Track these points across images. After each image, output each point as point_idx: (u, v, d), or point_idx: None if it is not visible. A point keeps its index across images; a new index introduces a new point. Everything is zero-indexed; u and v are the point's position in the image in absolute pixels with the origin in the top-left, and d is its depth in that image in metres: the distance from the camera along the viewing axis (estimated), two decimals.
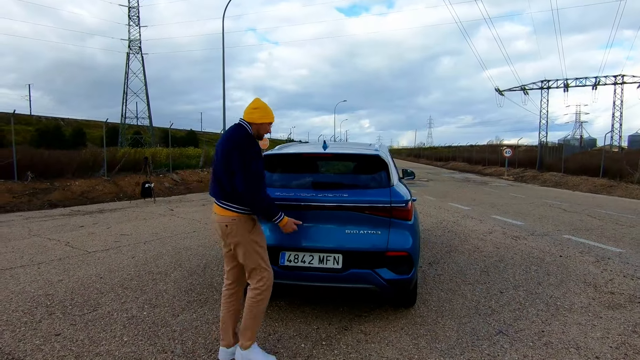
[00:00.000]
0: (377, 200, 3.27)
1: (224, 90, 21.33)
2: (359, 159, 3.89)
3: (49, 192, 12.47)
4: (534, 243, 6.49)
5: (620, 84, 44.63)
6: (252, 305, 2.65)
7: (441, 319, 3.50)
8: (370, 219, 3.24)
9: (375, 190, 3.41)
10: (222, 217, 2.64)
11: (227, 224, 2.63)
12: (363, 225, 3.24)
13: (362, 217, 3.24)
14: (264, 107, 2.72)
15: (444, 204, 11.70)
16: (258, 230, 2.74)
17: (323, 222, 3.30)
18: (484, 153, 40.08)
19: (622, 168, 18.92)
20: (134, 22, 50.07)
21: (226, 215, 2.63)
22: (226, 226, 2.63)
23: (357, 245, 3.19)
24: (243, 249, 2.65)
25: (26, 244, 6.22)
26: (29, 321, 3.38)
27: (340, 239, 3.21)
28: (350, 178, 3.85)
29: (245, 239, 2.64)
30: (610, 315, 3.64)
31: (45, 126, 43.63)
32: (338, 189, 3.43)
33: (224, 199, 2.64)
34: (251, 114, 2.68)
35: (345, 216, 3.25)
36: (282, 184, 3.55)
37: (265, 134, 2.75)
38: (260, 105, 2.72)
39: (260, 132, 2.72)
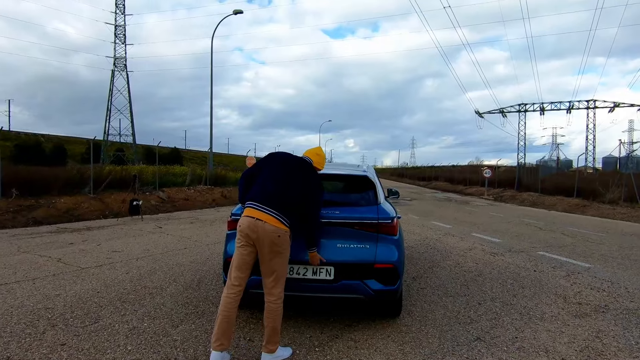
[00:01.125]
0: (366, 216, 3.58)
1: (212, 109, 21.65)
2: (349, 179, 4.22)
3: (33, 209, 12.38)
4: (510, 259, 6.87)
5: (593, 108, 46.75)
6: (277, 311, 3.01)
7: (424, 328, 3.78)
8: (360, 234, 3.54)
9: (363, 207, 3.73)
10: (277, 229, 2.96)
11: (280, 235, 2.96)
12: (353, 240, 3.53)
13: (352, 232, 3.54)
14: (323, 157, 3.50)
15: (427, 222, 12.10)
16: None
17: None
18: (465, 173, 41.15)
19: (595, 189, 19.81)
20: (120, 40, 50.34)
21: (280, 227, 2.97)
22: (278, 236, 2.95)
23: (348, 258, 3.48)
24: (283, 259, 3.02)
25: (17, 261, 6.28)
26: (33, 332, 3.52)
27: (332, 253, 3.50)
28: (341, 197, 4.16)
29: (288, 250, 3.05)
30: (577, 323, 3.98)
31: (24, 142, 42.91)
32: (330, 206, 3.72)
33: (282, 213, 2.99)
34: (312, 156, 3.42)
35: (337, 231, 3.55)
36: None
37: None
38: (322, 154, 3.51)
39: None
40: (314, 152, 3.44)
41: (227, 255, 3.70)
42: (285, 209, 3.01)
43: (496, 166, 35.34)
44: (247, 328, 3.71)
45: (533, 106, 48.01)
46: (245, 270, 3.04)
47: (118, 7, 49.86)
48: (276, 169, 3.18)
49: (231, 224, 3.84)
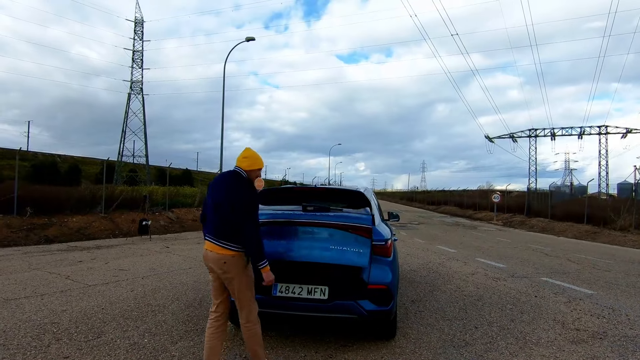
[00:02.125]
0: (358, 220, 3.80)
1: (222, 132, 22.12)
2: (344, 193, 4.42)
3: (46, 227, 12.71)
4: (512, 284, 6.85)
5: (605, 134, 46.52)
6: (250, 335, 3.02)
7: (418, 350, 3.83)
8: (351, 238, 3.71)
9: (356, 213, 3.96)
10: (220, 256, 2.91)
11: (226, 261, 2.90)
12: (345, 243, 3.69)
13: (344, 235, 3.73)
14: (252, 156, 3.07)
15: (432, 246, 12.07)
16: (250, 267, 3.04)
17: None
18: (474, 198, 40.84)
19: (607, 215, 19.54)
20: (137, 64, 51.98)
21: (224, 254, 2.90)
22: (224, 263, 2.90)
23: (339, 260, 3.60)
24: (238, 284, 2.93)
25: (27, 277, 6.48)
26: (39, 345, 3.66)
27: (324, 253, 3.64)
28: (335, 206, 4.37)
29: (241, 274, 2.94)
30: (573, 349, 3.98)
31: (41, 162, 44.03)
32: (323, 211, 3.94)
33: (222, 238, 2.91)
34: (241, 162, 3.05)
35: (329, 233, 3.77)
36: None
37: (255, 180, 3.07)
38: (248, 154, 3.08)
39: (250, 177, 3.05)
40: (241, 157, 3.09)
41: None
42: (223, 233, 2.91)
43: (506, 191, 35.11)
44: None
45: (544, 131, 48.02)
46: (219, 296, 3.07)
47: (136, 34, 51.75)
48: (209, 195, 3.10)
49: None
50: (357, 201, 4.20)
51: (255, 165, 3.06)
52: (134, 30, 51.79)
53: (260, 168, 3.11)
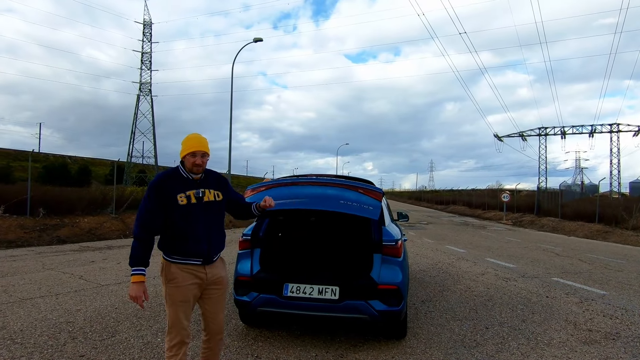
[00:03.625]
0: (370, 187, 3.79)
1: (231, 132, 22.24)
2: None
3: (58, 228, 12.89)
4: (523, 284, 6.81)
5: (616, 132, 45.89)
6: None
7: (429, 350, 3.83)
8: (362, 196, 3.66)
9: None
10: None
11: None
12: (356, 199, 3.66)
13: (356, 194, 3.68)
14: (185, 140, 2.56)
15: (441, 246, 12.03)
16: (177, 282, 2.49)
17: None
18: (483, 197, 40.52)
19: (618, 214, 19.28)
20: (146, 66, 52.52)
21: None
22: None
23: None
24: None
25: (42, 277, 6.59)
26: (55, 344, 3.74)
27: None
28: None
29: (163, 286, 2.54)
30: (585, 349, 3.96)
31: (52, 163, 44.67)
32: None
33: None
34: (180, 152, 2.57)
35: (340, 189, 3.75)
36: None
37: (190, 167, 2.52)
38: (183, 140, 2.57)
39: (188, 165, 2.54)
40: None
41: (237, 274, 3.88)
42: None
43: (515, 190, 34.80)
44: (256, 345, 3.83)
45: (554, 130, 47.53)
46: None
47: (145, 36, 52.31)
48: None
49: (242, 244, 4.04)
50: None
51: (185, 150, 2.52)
52: (143, 32, 52.36)
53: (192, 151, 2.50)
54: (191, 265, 2.53)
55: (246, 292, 3.76)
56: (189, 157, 2.52)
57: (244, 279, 3.80)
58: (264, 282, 3.70)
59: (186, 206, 2.50)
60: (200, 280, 2.56)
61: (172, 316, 2.49)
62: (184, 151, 2.53)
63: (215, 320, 2.66)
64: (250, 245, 3.98)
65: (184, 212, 2.49)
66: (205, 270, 2.58)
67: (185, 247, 2.50)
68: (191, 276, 2.52)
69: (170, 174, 2.56)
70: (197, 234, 2.52)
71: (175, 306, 2.49)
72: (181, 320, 2.49)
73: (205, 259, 2.57)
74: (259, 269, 3.83)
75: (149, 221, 2.45)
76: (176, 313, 2.48)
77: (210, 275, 2.60)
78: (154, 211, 2.45)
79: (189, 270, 2.52)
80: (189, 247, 2.51)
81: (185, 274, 2.51)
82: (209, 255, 2.57)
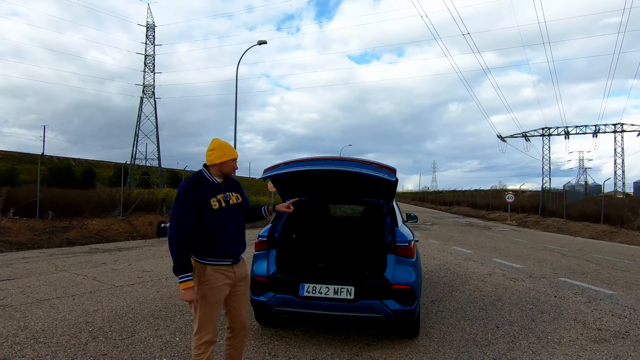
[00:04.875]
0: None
1: (235, 134, 22.37)
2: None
3: (67, 230, 13.03)
4: (531, 284, 6.87)
5: (620, 132, 45.73)
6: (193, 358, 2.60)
7: (442, 348, 3.91)
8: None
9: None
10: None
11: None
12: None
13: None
14: (220, 146, 2.66)
15: (447, 247, 12.09)
16: (211, 284, 2.59)
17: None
18: (487, 198, 40.51)
19: (624, 215, 19.27)
20: (149, 68, 52.75)
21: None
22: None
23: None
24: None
25: (56, 278, 6.70)
26: (77, 344, 3.83)
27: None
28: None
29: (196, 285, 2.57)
30: (595, 348, 4.02)
31: (56, 166, 44.93)
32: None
33: None
34: (209, 156, 2.66)
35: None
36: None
37: (230, 170, 2.70)
38: (215, 145, 2.67)
39: (223, 171, 2.67)
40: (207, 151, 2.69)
41: (254, 274, 3.97)
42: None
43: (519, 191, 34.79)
44: (272, 344, 3.92)
45: (557, 130, 47.41)
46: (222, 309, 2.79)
47: (148, 38, 52.56)
48: None
49: (258, 245, 4.13)
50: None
51: (225, 157, 2.64)
52: (146, 35, 52.60)
53: (233, 158, 2.68)
54: (223, 266, 2.64)
55: (262, 293, 3.85)
56: (231, 162, 2.67)
57: (261, 280, 3.88)
58: (281, 282, 3.79)
59: (218, 210, 2.60)
60: (230, 280, 2.67)
61: (203, 316, 2.58)
62: (225, 157, 2.63)
63: (240, 316, 2.79)
64: (266, 246, 4.07)
65: (216, 216, 2.59)
66: (233, 269, 2.70)
67: (218, 249, 2.61)
68: (223, 276, 2.63)
69: (200, 180, 2.65)
70: (228, 236, 2.64)
71: (209, 306, 2.59)
72: (213, 320, 2.60)
73: (235, 259, 2.70)
74: (275, 269, 3.92)
75: (188, 227, 2.50)
76: (208, 313, 2.58)
77: (238, 273, 2.73)
78: (192, 217, 2.51)
79: (221, 270, 2.63)
80: (222, 249, 2.62)
81: (218, 274, 2.61)
82: (238, 256, 2.72)
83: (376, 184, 3.92)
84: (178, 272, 2.48)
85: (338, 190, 4.44)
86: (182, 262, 2.48)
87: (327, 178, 4.13)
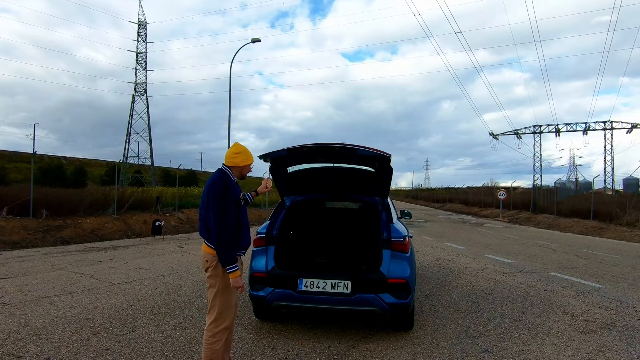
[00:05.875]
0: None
1: (229, 132, 22.37)
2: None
3: (61, 229, 13.00)
4: (522, 279, 7.05)
5: (610, 129, 46.41)
6: (209, 350, 2.79)
7: (435, 340, 4.04)
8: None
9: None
10: (205, 253, 2.89)
11: (207, 259, 2.86)
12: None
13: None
14: (244, 151, 2.98)
15: (440, 243, 12.27)
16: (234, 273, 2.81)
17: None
18: (480, 195, 40.88)
19: (612, 211, 19.62)
20: (141, 66, 52.37)
21: (208, 252, 2.86)
22: (206, 261, 2.88)
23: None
24: (211, 284, 2.86)
25: (53, 277, 6.74)
26: (79, 339, 3.90)
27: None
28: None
29: (217, 275, 2.80)
30: (583, 338, 4.18)
31: (47, 164, 44.48)
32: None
33: (207, 238, 2.88)
34: (234, 159, 2.93)
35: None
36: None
37: (247, 173, 3.06)
38: (240, 149, 2.97)
39: (242, 173, 3.00)
40: (232, 153, 2.97)
41: (253, 270, 4.07)
42: (206, 231, 2.87)
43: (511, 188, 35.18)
44: (271, 338, 4.02)
45: (548, 127, 47.97)
46: None
47: (140, 35, 52.17)
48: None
49: (257, 242, 4.22)
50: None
51: (248, 161, 3.01)
52: (137, 32, 52.19)
53: (252, 163, 3.06)
54: (240, 257, 2.94)
55: (261, 288, 3.95)
56: (250, 166, 3.06)
57: (260, 275, 3.98)
58: (279, 277, 3.89)
59: (242, 206, 2.96)
60: (241, 269, 2.92)
61: (223, 304, 2.84)
62: (248, 161, 3.01)
63: (236, 304, 3.07)
64: (265, 242, 4.16)
65: (242, 211, 2.95)
66: (241, 260, 2.97)
67: (243, 241, 2.96)
68: (240, 266, 2.89)
69: (231, 178, 2.94)
70: (247, 229, 3.03)
71: (231, 294, 2.87)
72: (232, 307, 2.90)
73: (246, 250, 3.02)
74: (273, 265, 4.02)
75: (232, 220, 2.80)
76: (229, 300, 2.87)
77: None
78: (233, 211, 2.84)
79: (239, 261, 2.90)
80: (245, 241, 2.98)
81: (238, 264, 2.86)
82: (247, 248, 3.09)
83: (372, 163, 4.15)
84: (228, 264, 2.74)
85: (335, 185, 4.56)
86: (233, 254, 2.76)
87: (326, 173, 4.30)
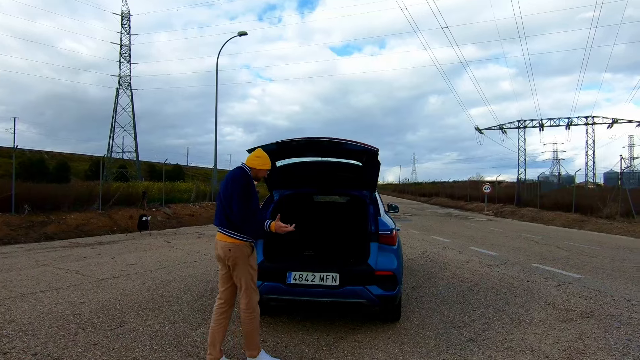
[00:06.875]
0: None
1: (216, 127, 22.22)
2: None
3: (45, 224, 12.78)
4: (505, 271, 7.22)
5: (591, 124, 47.38)
6: (246, 320, 3.20)
7: (422, 330, 4.13)
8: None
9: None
10: (226, 243, 3.17)
11: (231, 249, 3.15)
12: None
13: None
14: (264, 157, 3.36)
15: (427, 237, 12.44)
16: (254, 256, 3.29)
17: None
18: (465, 189, 41.44)
19: (593, 204, 20.12)
20: (125, 59, 51.43)
21: (229, 241, 3.16)
22: (229, 250, 3.15)
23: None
24: (241, 270, 3.18)
25: (38, 273, 6.65)
26: (66, 334, 3.88)
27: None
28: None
29: (244, 262, 3.18)
30: (563, 327, 4.32)
31: (28, 159, 43.48)
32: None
33: (229, 228, 3.17)
34: (253, 161, 3.31)
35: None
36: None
37: (262, 177, 3.39)
38: (261, 154, 3.36)
39: (258, 175, 3.34)
40: (253, 156, 3.35)
41: None
42: (229, 223, 3.16)
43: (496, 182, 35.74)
44: (260, 330, 4.04)
45: (532, 122, 48.76)
46: (225, 284, 3.27)
47: (124, 28, 51.18)
48: (220, 189, 3.33)
49: None
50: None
51: (265, 166, 3.35)
52: (121, 24, 51.19)
53: (268, 169, 3.40)
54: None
55: None
56: (265, 172, 3.38)
57: None
58: (268, 271, 3.92)
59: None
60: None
61: (253, 281, 3.23)
62: (265, 166, 3.35)
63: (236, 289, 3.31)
64: None
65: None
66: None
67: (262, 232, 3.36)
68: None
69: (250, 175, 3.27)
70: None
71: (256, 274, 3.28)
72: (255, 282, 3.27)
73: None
74: (262, 259, 4.05)
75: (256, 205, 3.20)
76: (254, 279, 3.25)
77: None
78: (256, 198, 3.22)
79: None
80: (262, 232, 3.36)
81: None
82: None
83: (360, 157, 4.18)
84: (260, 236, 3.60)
85: (324, 179, 4.60)
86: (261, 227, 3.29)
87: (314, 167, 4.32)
